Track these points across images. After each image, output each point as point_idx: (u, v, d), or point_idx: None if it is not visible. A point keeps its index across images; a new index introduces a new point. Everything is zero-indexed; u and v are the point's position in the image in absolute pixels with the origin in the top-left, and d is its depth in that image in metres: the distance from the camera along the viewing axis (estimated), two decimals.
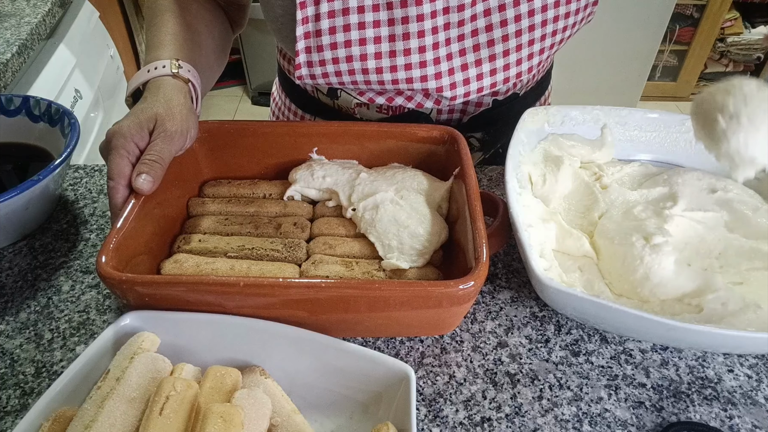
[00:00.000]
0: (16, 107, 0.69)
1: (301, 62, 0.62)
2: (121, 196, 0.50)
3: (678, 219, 0.57)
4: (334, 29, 0.59)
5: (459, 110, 0.73)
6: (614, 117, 0.66)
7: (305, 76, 0.63)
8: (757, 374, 0.50)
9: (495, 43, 0.61)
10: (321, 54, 0.61)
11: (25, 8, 1.16)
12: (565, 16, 0.62)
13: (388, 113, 0.73)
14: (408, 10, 0.58)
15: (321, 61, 0.61)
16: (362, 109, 0.73)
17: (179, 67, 0.57)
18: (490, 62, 0.63)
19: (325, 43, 0.60)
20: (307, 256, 0.55)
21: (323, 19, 0.59)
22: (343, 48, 0.60)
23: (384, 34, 0.60)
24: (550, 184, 0.61)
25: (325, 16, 0.59)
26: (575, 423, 0.46)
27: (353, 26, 0.59)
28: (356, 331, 0.51)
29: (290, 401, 0.43)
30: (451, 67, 0.62)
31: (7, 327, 0.53)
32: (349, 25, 0.59)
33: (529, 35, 0.61)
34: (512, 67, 0.64)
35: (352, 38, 0.60)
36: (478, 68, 0.63)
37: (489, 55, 0.62)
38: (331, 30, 0.59)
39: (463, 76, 0.63)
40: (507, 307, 0.55)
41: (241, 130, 0.62)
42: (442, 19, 0.59)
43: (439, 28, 0.59)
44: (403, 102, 0.67)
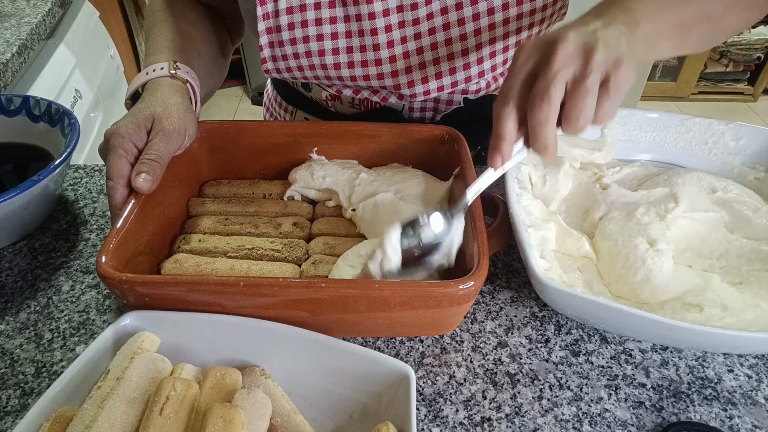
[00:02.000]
0: (16, 107, 0.69)
1: (266, 56, 0.63)
2: (120, 196, 0.50)
3: (680, 220, 0.57)
4: (293, 25, 0.60)
5: (431, 108, 0.72)
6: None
7: (272, 70, 0.64)
8: (757, 374, 0.50)
9: (453, 41, 0.61)
10: (283, 49, 0.61)
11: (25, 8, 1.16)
12: (530, 13, 0.60)
13: (360, 108, 0.73)
14: (360, 8, 0.58)
15: (283, 56, 0.62)
16: (335, 103, 0.73)
17: (177, 68, 0.57)
18: (449, 61, 0.62)
19: (285, 38, 0.61)
20: (307, 256, 0.55)
21: (282, 15, 0.59)
22: (302, 43, 0.61)
23: (341, 30, 0.60)
24: (550, 185, 0.61)
25: (284, 12, 0.59)
26: (575, 423, 0.46)
27: (310, 22, 0.60)
28: (356, 331, 0.51)
29: (290, 401, 0.43)
30: (409, 65, 0.62)
31: (7, 327, 0.53)
32: (306, 21, 0.60)
33: (489, 33, 0.60)
34: (473, 66, 0.63)
35: (309, 34, 0.60)
36: (437, 66, 0.62)
37: (447, 54, 0.62)
38: (289, 26, 0.60)
39: (421, 75, 0.63)
40: (507, 307, 0.55)
41: (241, 130, 0.62)
42: (396, 17, 0.59)
43: (393, 26, 0.59)
44: (368, 95, 0.67)
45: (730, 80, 2.73)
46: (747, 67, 2.68)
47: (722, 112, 2.68)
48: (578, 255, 0.57)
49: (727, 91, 2.75)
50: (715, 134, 0.65)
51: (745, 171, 0.64)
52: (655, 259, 0.52)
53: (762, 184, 0.62)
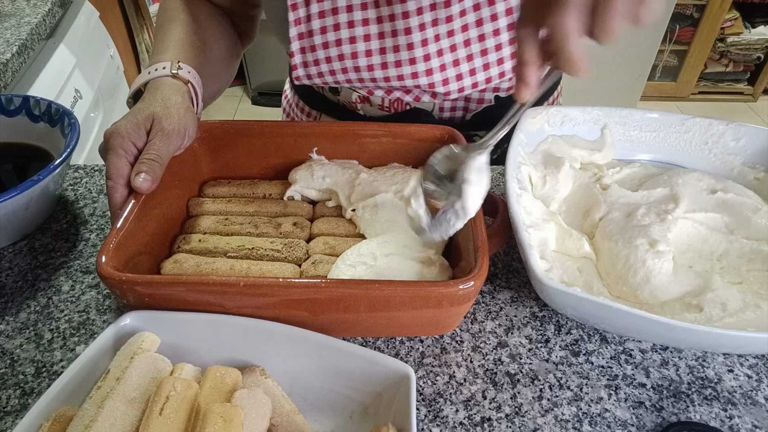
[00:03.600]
0: (16, 107, 0.69)
1: (297, 63, 0.63)
2: (120, 196, 0.50)
3: (680, 221, 0.57)
4: (325, 29, 0.60)
5: (461, 107, 0.72)
6: (614, 117, 0.66)
7: (302, 77, 0.64)
8: (757, 374, 0.50)
9: (486, 37, 0.61)
10: (314, 54, 0.61)
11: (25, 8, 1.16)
12: None
13: (389, 110, 0.73)
14: (393, 8, 0.58)
15: (315, 61, 0.62)
16: (364, 105, 0.73)
17: (179, 68, 0.57)
18: (482, 57, 0.62)
19: (317, 42, 0.61)
20: (307, 256, 0.55)
21: (314, 20, 0.60)
22: (335, 47, 0.61)
23: (373, 32, 0.60)
24: (550, 186, 0.61)
25: (316, 16, 0.59)
26: (575, 423, 0.46)
27: (343, 25, 0.60)
28: (356, 331, 0.51)
29: (290, 401, 0.43)
30: (443, 63, 0.62)
31: (7, 327, 0.53)
32: (338, 24, 0.60)
33: None
34: (506, 62, 0.63)
35: (342, 37, 0.60)
36: (470, 63, 0.62)
37: (480, 50, 0.62)
38: (322, 30, 0.60)
39: (455, 72, 0.63)
40: (507, 307, 0.55)
41: (241, 130, 0.62)
42: (429, 16, 0.59)
43: (426, 25, 0.59)
44: (401, 95, 0.67)
45: (730, 80, 2.73)
46: (747, 67, 2.68)
47: (722, 112, 2.68)
48: (578, 255, 0.57)
49: (727, 91, 2.75)
50: (715, 134, 0.65)
51: (745, 171, 0.64)
52: (656, 260, 0.52)
53: (762, 184, 0.62)
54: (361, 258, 0.51)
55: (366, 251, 0.52)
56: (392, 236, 0.54)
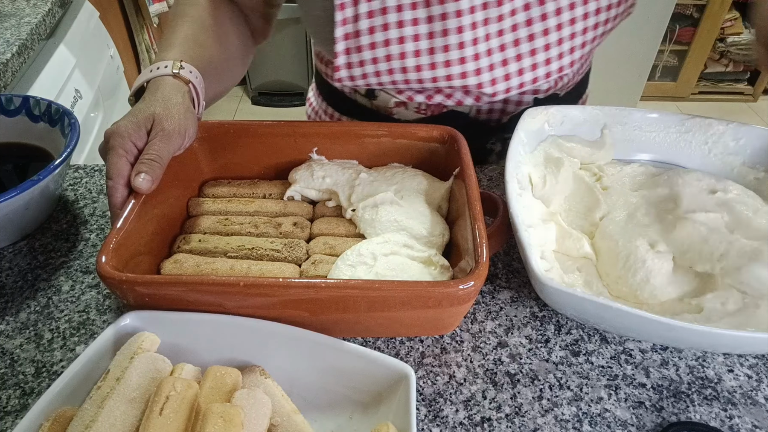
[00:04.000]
0: (16, 107, 0.69)
1: (341, 64, 0.62)
2: (120, 196, 0.50)
3: (680, 221, 0.57)
4: (373, 29, 0.59)
5: (498, 110, 0.72)
6: (614, 117, 0.66)
7: (344, 78, 0.63)
8: (757, 374, 0.50)
9: (535, 37, 0.61)
10: (360, 54, 0.61)
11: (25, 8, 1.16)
12: (606, 7, 0.61)
13: (426, 113, 0.72)
14: (446, 6, 0.58)
15: (360, 62, 0.62)
16: (400, 110, 0.73)
17: (181, 67, 0.57)
18: (531, 57, 0.62)
19: (364, 43, 0.60)
20: (307, 256, 0.55)
21: (362, 20, 0.59)
22: (383, 47, 0.60)
23: (423, 32, 0.60)
24: (550, 186, 0.61)
25: (364, 16, 0.59)
26: (575, 423, 0.46)
27: (392, 25, 0.59)
28: (356, 331, 0.51)
29: (290, 401, 0.43)
30: (491, 63, 0.62)
31: (7, 327, 0.53)
32: (387, 24, 0.59)
33: (570, 29, 0.61)
34: (554, 62, 0.63)
35: (390, 37, 0.60)
36: (519, 63, 0.63)
37: (530, 50, 0.62)
38: (370, 30, 0.60)
39: (504, 72, 0.63)
40: (507, 307, 0.55)
41: (241, 130, 0.62)
42: (481, 15, 0.59)
43: (478, 24, 0.59)
44: (442, 99, 0.67)
45: (730, 80, 2.73)
46: (747, 67, 2.68)
47: (722, 112, 2.68)
48: (578, 255, 0.57)
49: (727, 91, 2.75)
50: (715, 134, 0.65)
51: (745, 171, 0.64)
52: (656, 261, 0.52)
53: (762, 184, 0.62)
54: (361, 258, 0.51)
55: (366, 251, 0.52)
56: (392, 236, 0.54)
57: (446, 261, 0.53)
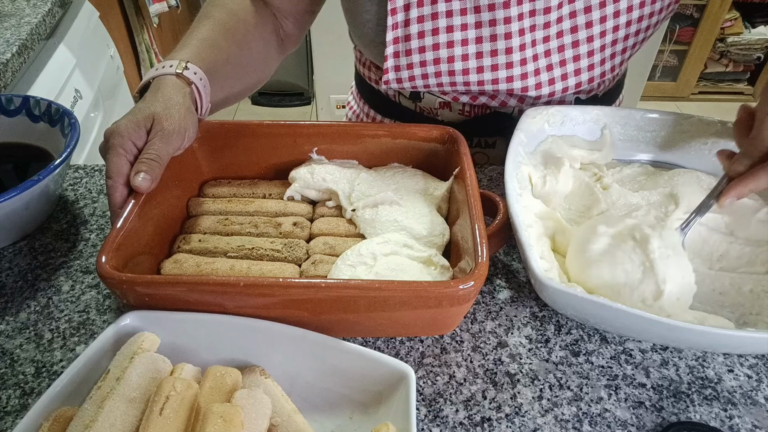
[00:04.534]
0: (16, 107, 0.69)
1: (389, 67, 0.64)
2: (120, 195, 0.50)
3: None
4: (423, 33, 0.61)
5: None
6: (614, 117, 0.66)
7: (392, 80, 0.65)
8: (757, 374, 0.50)
9: (580, 44, 0.63)
10: (409, 58, 0.63)
11: (25, 8, 1.16)
12: (648, 15, 0.63)
13: (470, 115, 0.73)
14: (496, 14, 0.60)
15: (409, 65, 0.64)
16: (444, 111, 0.74)
17: (185, 68, 0.56)
18: (575, 62, 0.64)
19: (413, 47, 0.62)
20: (307, 256, 0.55)
21: (412, 24, 0.61)
22: (431, 51, 0.62)
23: (471, 37, 0.62)
24: (550, 186, 0.61)
25: (415, 21, 0.61)
26: (575, 423, 0.46)
27: (441, 30, 0.61)
28: (356, 331, 0.51)
29: (290, 401, 0.43)
30: (537, 68, 0.64)
31: (7, 327, 0.53)
32: (437, 29, 0.61)
33: (612, 36, 0.63)
34: (596, 67, 0.65)
35: (440, 41, 0.62)
36: (563, 68, 0.64)
37: (573, 56, 0.64)
38: (420, 34, 0.62)
39: (549, 77, 0.64)
40: (507, 307, 0.55)
41: (241, 130, 0.62)
42: (528, 22, 0.61)
43: (525, 30, 0.61)
44: (486, 101, 0.69)
45: (730, 80, 2.73)
46: (747, 67, 2.68)
47: (722, 112, 2.68)
48: None
49: (727, 91, 2.75)
50: (715, 134, 0.65)
51: None
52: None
53: None
54: (361, 258, 0.51)
55: (366, 251, 0.52)
56: (392, 236, 0.54)
57: (446, 261, 0.53)
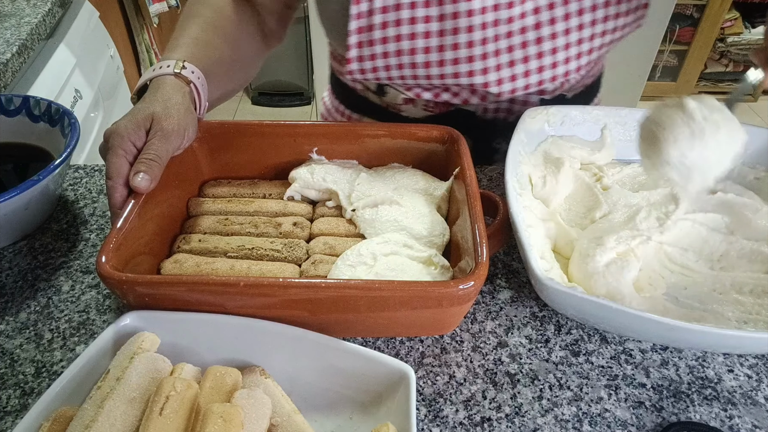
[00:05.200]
0: (16, 107, 0.69)
1: (353, 57, 0.63)
2: (119, 195, 0.50)
3: (680, 222, 0.57)
4: (386, 24, 0.61)
5: (505, 109, 0.73)
6: (614, 117, 0.66)
7: (355, 71, 0.64)
8: (757, 374, 0.50)
9: (543, 40, 0.62)
10: (372, 48, 0.62)
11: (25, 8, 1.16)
12: (614, 16, 0.62)
13: (434, 111, 0.73)
14: (458, 6, 0.59)
15: (371, 56, 0.63)
16: (409, 107, 0.74)
17: (183, 67, 0.57)
18: (538, 59, 0.63)
19: (376, 37, 0.62)
20: (307, 256, 0.55)
21: (376, 14, 0.61)
22: (394, 42, 0.62)
23: (434, 29, 0.61)
24: (550, 186, 0.61)
25: (379, 11, 0.60)
26: (575, 423, 0.46)
27: (404, 21, 0.61)
28: (356, 331, 0.51)
29: (290, 401, 0.43)
30: (498, 64, 0.63)
31: (7, 327, 0.53)
32: (400, 20, 0.61)
33: (577, 34, 0.62)
34: (560, 66, 0.64)
35: (402, 33, 0.61)
36: (526, 65, 0.63)
37: (537, 53, 0.63)
38: (383, 25, 0.61)
39: (510, 73, 0.64)
40: (507, 307, 0.55)
41: (241, 130, 0.62)
42: (491, 16, 0.60)
43: (488, 24, 0.60)
44: (449, 98, 0.68)
45: (730, 80, 2.73)
46: (747, 67, 2.67)
47: None
48: None
49: (727, 91, 2.75)
50: None
51: (745, 171, 0.64)
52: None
53: (762, 184, 0.62)
54: (361, 258, 0.51)
55: (366, 251, 0.52)
56: (392, 236, 0.54)
57: (446, 261, 0.53)
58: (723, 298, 0.52)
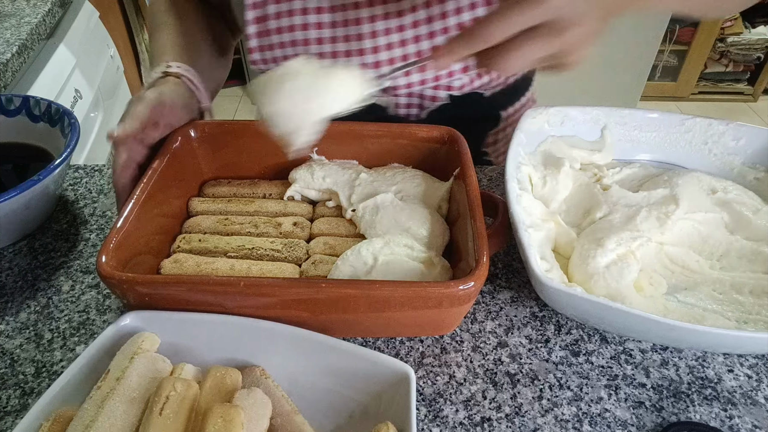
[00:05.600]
0: (16, 107, 0.69)
1: (254, 46, 0.64)
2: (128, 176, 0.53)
3: (680, 222, 0.57)
4: (280, 14, 0.61)
5: (416, 105, 0.72)
6: (614, 117, 0.66)
7: (258, 60, 0.65)
8: (757, 374, 0.50)
9: (436, 35, 0.61)
10: (269, 38, 0.62)
11: (25, 8, 1.16)
12: None
13: None
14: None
15: (270, 46, 0.63)
16: None
17: (168, 66, 0.59)
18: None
19: (272, 27, 0.62)
20: (307, 256, 0.55)
21: (270, 4, 0.61)
22: (288, 32, 0.61)
23: (326, 21, 0.61)
24: (550, 186, 0.61)
25: (272, 1, 0.60)
26: (575, 423, 0.46)
27: (297, 11, 0.61)
28: (356, 331, 0.51)
29: (290, 401, 0.43)
30: (391, 57, 0.62)
31: (7, 327, 0.53)
32: (293, 10, 0.61)
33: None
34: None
35: (295, 23, 0.61)
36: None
37: (430, 47, 0.62)
38: (276, 15, 0.61)
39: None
40: (507, 307, 0.55)
41: (241, 130, 0.62)
42: (380, 9, 0.60)
43: (377, 17, 0.60)
44: None
45: (730, 80, 2.73)
46: (747, 67, 2.68)
47: (722, 112, 2.68)
48: None
49: (727, 91, 2.75)
50: (715, 134, 0.65)
51: (745, 171, 0.64)
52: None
53: (762, 184, 0.62)
54: (361, 258, 0.51)
55: (366, 251, 0.52)
56: (393, 237, 0.54)
57: (446, 261, 0.53)
58: (723, 298, 0.52)
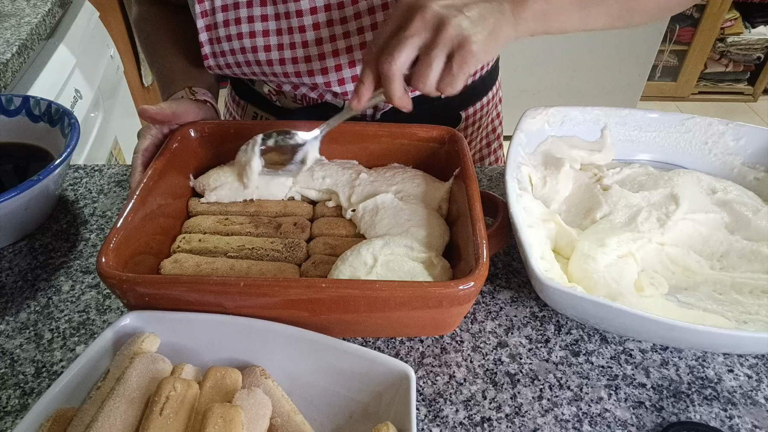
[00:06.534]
0: (16, 107, 0.69)
1: (207, 53, 0.65)
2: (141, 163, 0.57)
3: (681, 222, 0.57)
4: (228, 22, 0.62)
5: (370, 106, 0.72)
6: (614, 117, 0.66)
7: (213, 66, 0.66)
8: (757, 374, 0.50)
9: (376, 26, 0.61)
10: (221, 45, 0.63)
11: (25, 8, 1.16)
12: None
13: (302, 104, 0.73)
14: (288, 6, 0.60)
15: (222, 52, 0.64)
16: (280, 97, 0.74)
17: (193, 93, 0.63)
18: None
19: (222, 35, 0.63)
20: (307, 257, 0.55)
21: (218, 12, 0.62)
22: (237, 40, 0.62)
23: (272, 28, 0.61)
24: (550, 186, 0.61)
25: (219, 9, 0.61)
26: (575, 423, 0.46)
27: (243, 19, 0.61)
28: (356, 331, 0.51)
29: (290, 401, 0.43)
30: (338, 63, 0.63)
31: (7, 327, 0.53)
32: (239, 18, 0.61)
33: None
34: None
35: (243, 31, 0.62)
36: None
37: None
38: (225, 23, 0.62)
39: (352, 73, 0.64)
40: (507, 307, 0.55)
41: (241, 130, 0.62)
42: (323, 16, 0.60)
43: (321, 24, 0.61)
44: (306, 91, 0.68)
45: (730, 80, 2.73)
46: (747, 67, 2.68)
47: (722, 112, 2.68)
48: None
49: (727, 91, 2.75)
50: (715, 134, 0.65)
51: (745, 171, 0.64)
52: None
53: (762, 184, 0.62)
54: (361, 258, 0.51)
55: (366, 252, 0.52)
56: (392, 237, 0.54)
57: (446, 261, 0.53)
58: (723, 298, 0.53)
